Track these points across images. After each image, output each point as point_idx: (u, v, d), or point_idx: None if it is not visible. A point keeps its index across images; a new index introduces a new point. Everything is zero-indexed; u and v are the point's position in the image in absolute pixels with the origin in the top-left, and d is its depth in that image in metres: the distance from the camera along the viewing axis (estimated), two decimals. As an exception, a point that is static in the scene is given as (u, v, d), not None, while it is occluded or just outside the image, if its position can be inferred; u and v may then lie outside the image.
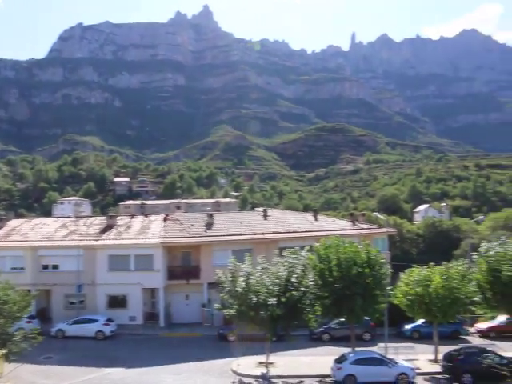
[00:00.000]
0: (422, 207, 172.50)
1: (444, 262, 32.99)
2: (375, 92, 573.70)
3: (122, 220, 48.87)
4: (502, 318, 39.39)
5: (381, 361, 28.73)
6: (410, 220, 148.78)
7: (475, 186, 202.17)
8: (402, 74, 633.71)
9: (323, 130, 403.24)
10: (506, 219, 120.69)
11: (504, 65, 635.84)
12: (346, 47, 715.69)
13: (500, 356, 28.80)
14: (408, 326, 39.22)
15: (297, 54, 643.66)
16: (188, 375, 29.43)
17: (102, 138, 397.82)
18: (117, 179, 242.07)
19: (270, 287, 28.55)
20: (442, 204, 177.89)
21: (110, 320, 39.42)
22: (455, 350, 30.55)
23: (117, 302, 42.61)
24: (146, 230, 45.47)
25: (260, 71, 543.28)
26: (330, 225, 50.73)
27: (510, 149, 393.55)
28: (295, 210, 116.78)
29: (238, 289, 29.18)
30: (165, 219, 47.82)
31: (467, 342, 38.04)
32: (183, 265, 44.33)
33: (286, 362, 31.73)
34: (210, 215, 49.04)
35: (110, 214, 49.83)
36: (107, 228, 46.36)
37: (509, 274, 29.63)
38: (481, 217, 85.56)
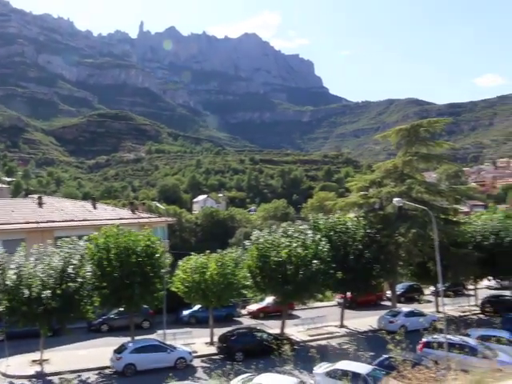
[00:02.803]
0: (201, 197, 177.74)
1: (219, 250, 34.75)
2: (160, 82, 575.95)
3: None
4: (269, 300, 42.95)
5: (160, 347, 29.28)
6: (190, 210, 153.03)
7: (250, 179, 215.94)
8: (188, 68, 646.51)
9: (106, 117, 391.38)
10: (276, 209, 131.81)
11: (278, 70, 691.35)
12: (133, 35, 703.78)
13: (268, 333, 31.73)
14: (186, 312, 40.57)
15: (82, 34, 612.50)
16: None
17: None
18: None
19: (45, 279, 26.92)
20: (220, 195, 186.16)
21: None
22: (229, 332, 32.66)
23: None
24: None
25: (40, 48, 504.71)
26: (109, 213, 49.62)
27: (280, 146, 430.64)
28: (74, 197, 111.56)
29: (8, 282, 26.94)
30: None
31: (240, 323, 40.80)
32: None
33: (63, 356, 30.27)
34: (-25, 202, 44.29)
35: None
36: None
37: (276, 259, 32.64)
38: (253, 207, 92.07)
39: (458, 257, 38.20)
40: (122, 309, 33.18)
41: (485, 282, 53.14)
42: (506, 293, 48.31)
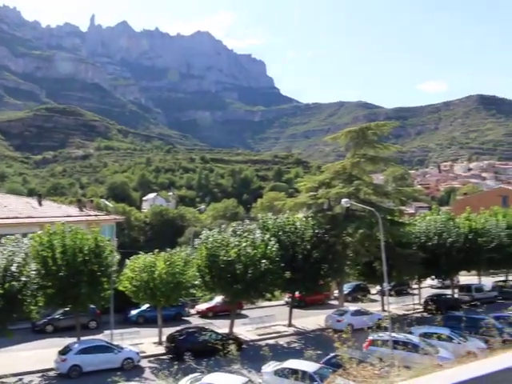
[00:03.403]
0: (151, 196, 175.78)
1: (168, 249, 34.55)
2: (111, 78, 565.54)
3: None
4: (218, 299, 43.00)
5: (106, 348, 28.82)
6: (139, 208, 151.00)
7: (200, 178, 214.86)
8: (139, 64, 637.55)
9: (54, 111, 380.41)
10: (226, 209, 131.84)
11: (230, 69, 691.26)
12: (84, 28, 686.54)
13: (216, 333, 31.72)
14: (134, 312, 40.08)
15: (29, 25, 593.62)
16: None
17: None
18: None
19: (-14, 278, 26.04)
20: (169, 193, 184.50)
21: None
22: (177, 331, 32.45)
23: None
24: None
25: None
26: (55, 211, 48.39)
27: (231, 145, 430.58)
28: (18, 194, 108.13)
29: None
30: None
31: (189, 322, 40.63)
32: None
33: (4, 359, 29.29)
34: None
35: None
36: None
37: (225, 259, 32.73)
38: (202, 206, 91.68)
39: (403, 257, 39.30)
40: (67, 309, 32.46)
41: (428, 282, 54.86)
42: (448, 292, 50.07)
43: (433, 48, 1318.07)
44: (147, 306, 38.40)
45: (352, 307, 41.04)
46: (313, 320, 41.14)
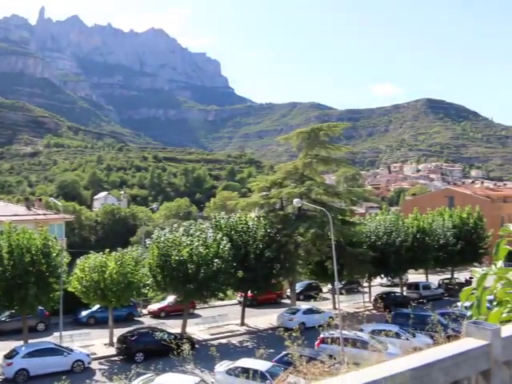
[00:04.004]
0: (102, 194, 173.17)
1: (120, 249, 34.12)
2: (61, 74, 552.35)
3: None
4: (170, 299, 42.72)
5: (55, 350, 28.17)
6: (90, 207, 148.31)
7: (152, 177, 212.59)
8: (91, 60, 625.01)
9: (1, 107, 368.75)
10: (178, 208, 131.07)
11: (184, 67, 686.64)
12: (33, 21, 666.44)
13: (168, 333, 31.50)
14: (84, 313, 39.36)
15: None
16: None
17: None
18: None
19: None
20: (121, 192, 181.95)
21: None
22: (128, 332, 32.07)
23: None
24: None
25: None
26: (2, 210, 46.98)
27: (184, 144, 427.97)
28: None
29: None
30: None
31: (141, 323, 40.20)
32: None
33: None
34: None
35: None
36: None
37: (177, 258, 32.60)
38: (154, 205, 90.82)
39: (353, 256, 40.10)
40: (14, 311, 31.56)
41: (378, 280, 56.09)
42: (397, 290, 51.36)
43: (385, 51, 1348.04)
44: (98, 306, 37.80)
45: (304, 306, 41.51)
46: (265, 319, 41.43)
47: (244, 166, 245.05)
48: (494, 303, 2.62)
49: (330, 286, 49.84)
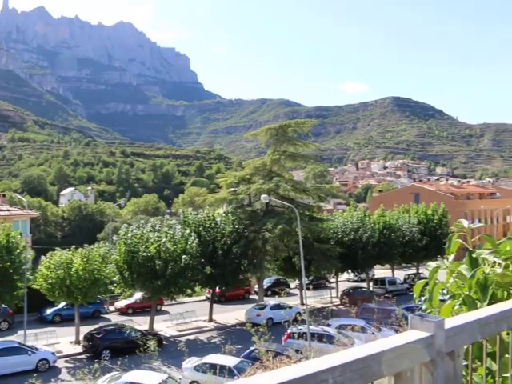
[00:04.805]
0: (68, 190, 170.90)
1: (86, 245, 33.71)
2: (27, 66, 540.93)
3: None
4: (138, 296, 42.38)
5: (19, 349, 27.63)
6: (56, 203, 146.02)
7: (120, 172, 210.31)
8: (57, 53, 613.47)
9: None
10: (146, 204, 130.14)
11: (152, 62, 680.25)
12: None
13: (136, 330, 31.36)
14: (49, 311, 38.76)
15: None
16: None
17: None
18: None
19: None
20: (88, 188, 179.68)
21: None
22: (95, 329, 31.73)
23: None
24: None
25: None
26: (-36, 206, 45.99)
27: (152, 139, 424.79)
28: None
29: None
30: None
31: (108, 320, 39.76)
32: None
33: None
34: None
35: None
36: None
37: (144, 254, 32.39)
38: (122, 201, 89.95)
39: (321, 252, 40.47)
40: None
41: (345, 275, 56.74)
42: (363, 285, 52.08)
43: (355, 49, 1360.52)
44: (64, 304, 37.25)
45: (271, 301, 41.71)
46: (233, 315, 41.49)
47: (213, 162, 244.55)
48: (447, 296, 2.71)
49: (297, 281, 50.17)
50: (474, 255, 2.66)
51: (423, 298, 2.88)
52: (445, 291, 2.77)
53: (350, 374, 1.30)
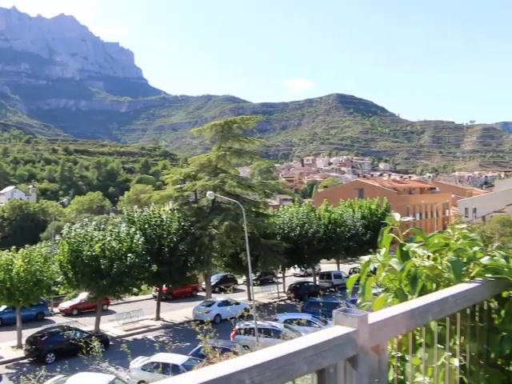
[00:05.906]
0: (8, 189, 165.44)
1: (27, 245, 32.71)
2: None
3: None
4: (83, 296, 41.48)
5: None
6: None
7: (63, 170, 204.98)
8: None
9: None
10: (90, 202, 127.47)
11: (96, 57, 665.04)
12: None
13: (81, 331, 30.65)
14: (-13, 314, 37.39)
15: None
16: None
17: None
18: None
19: None
20: (30, 186, 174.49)
21: None
22: (38, 332, 30.86)
23: None
24: None
25: None
26: None
27: (96, 136, 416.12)
28: None
29: None
30: None
31: (52, 322, 38.77)
32: None
33: None
34: None
35: None
36: None
37: (89, 253, 31.74)
38: (65, 200, 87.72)
39: (267, 247, 40.79)
40: None
41: (292, 270, 57.36)
42: (310, 279, 52.81)
43: (299, 46, 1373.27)
44: (4, 307, 35.99)
45: (219, 298, 41.72)
46: (181, 312, 41.26)
47: (158, 159, 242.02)
48: (380, 290, 2.79)
49: (245, 277, 50.36)
50: (404, 248, 2.74)
51: (349, 292, 2.95)
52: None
53: (268, 373, 1.30)
